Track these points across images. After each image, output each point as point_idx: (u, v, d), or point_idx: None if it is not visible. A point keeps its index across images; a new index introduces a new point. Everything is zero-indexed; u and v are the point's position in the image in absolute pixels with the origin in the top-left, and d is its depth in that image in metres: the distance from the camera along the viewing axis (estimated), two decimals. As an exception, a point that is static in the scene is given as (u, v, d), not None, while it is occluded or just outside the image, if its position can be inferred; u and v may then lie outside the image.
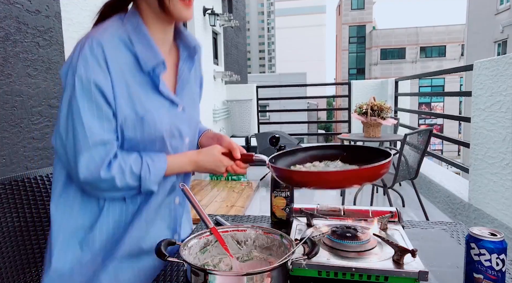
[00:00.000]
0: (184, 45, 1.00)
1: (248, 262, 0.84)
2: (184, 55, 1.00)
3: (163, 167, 0.91)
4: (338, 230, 0.91)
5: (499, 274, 0.71)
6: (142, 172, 0.88)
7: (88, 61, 0.82)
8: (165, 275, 0.89)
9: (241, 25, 9.12)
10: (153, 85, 0.90)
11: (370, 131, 3.60)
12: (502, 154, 2.46)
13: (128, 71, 0.87)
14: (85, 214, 0.91)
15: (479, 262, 0.72)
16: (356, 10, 35.00)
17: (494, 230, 0.73)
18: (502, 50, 16.57)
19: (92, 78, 0.81)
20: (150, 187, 0.89)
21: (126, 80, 0.87)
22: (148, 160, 0.89)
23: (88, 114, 0.82)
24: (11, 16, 1.97)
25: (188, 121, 0.99)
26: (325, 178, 0.83)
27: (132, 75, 0.88)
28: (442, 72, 4.24)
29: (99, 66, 0.82)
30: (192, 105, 1.02)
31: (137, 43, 0.88)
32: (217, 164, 0.96)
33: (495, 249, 0.71)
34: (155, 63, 0.88)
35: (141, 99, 0.88)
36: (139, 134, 0.88)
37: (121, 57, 0.86)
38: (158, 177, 0.91)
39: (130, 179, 0.87)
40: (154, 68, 0.89)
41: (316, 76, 57.92)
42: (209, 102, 5.40)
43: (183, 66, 0.98)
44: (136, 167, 0.87)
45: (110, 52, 0.84)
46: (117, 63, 0.85)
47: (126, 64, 0.87)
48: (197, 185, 4.38)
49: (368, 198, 3.72)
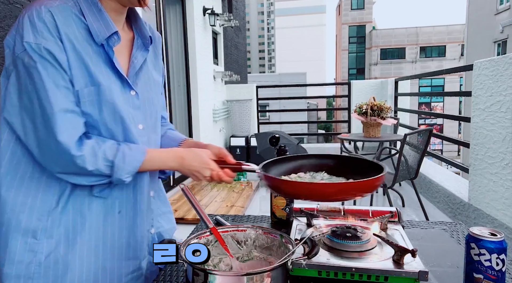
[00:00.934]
0: (139, 33, 0.97)
1: (248, 262, 0.84)
2: (139, 43, 0.96)
3: (140, 159, 0.86)
4: (338, 230, 0.91)
5: (499, 274, 0.71)
6: (116, 160, 0.82)
7: (37, 26, 0.77)
8: (165, 275, 0.89)
9: (241, 25, 9.12)
10: (106, 59, 0.86)
11: (370, 131, 3.60)
12: (502, 154, 2.46)
13: (80, 42, 0.82)
14: (45, 197, 0.84)
15: (479, 262, 0.72)
16: (356, 10, 35.00)
17: (494, 230, 0.73)
18: (502, 50, 16.57)
19: (43, 44, 0.77)
20: (122, 177, 0.83)
21: (78, 51, 0.81)
22: (125, 148, 0.84)
23: (48, 82, 0.77)
24: (11, 16, 1.97)
25: (142, 108, 0.93)
26: (316, 190, 0.81)
27: (84, 47, 0.83)
28: (442, 72, 4.24)
29: (49, 33, 0.78)
30: (148, 93, 0.96)
31: (89, 15, 0.83)
32: (203, 166, 0.90)
33: (495, 249, 0.71)
34: (108, 34, 0.84)
35: (95, 72, 0.83)
36: (97, 111, 0.83)
37: (72, 26, 0.82)
38: (134, 167, 0.85)
39: (102, 165, 0.81)
40: (107, 40, 0.85)
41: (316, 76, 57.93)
42: (209, 102, 5.40)
43: (136, 53, 0.94)
44: (111, 153, 0.82)
45: (60, 20, 0.79)
46: (69, 32, 0.81)
47: (78, 35, 0.82)
48: (197, 185, 4.38)
49: (368, 198, 3.71)
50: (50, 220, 0.84)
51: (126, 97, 0.89)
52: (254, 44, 73.54)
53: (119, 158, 0.83)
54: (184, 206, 3.47)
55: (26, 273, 0.84)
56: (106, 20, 0.85)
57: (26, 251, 0.84)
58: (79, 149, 0.79)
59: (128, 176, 0.85)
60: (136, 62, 0.93)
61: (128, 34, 0.96)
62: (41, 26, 0.78)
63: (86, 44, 0.83)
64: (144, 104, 0.94)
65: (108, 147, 0.83)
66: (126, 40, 0.95)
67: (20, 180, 0.84)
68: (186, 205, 3.45)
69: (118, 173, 0.83)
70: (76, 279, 0.86)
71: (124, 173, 0.84)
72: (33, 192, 0.84)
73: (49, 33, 0.78)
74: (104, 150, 0.82)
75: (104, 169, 0.82)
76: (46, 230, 0.84)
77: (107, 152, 0.82)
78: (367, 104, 3.54)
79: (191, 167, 0.90)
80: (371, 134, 3.60)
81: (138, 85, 0.93)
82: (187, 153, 0.92)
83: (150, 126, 0.97)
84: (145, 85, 0.95)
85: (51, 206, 0.85)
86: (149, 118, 0.96)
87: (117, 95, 0.86)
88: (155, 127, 1.00)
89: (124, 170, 0.84)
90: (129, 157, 0.84)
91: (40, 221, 0.84)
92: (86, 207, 0.87)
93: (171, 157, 0.91)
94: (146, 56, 0.97)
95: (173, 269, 0.92)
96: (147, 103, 0.95)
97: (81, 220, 0.86)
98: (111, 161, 0.82)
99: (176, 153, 0.92)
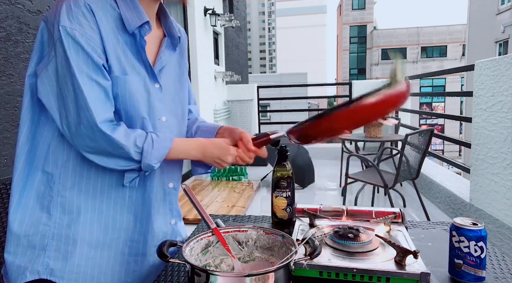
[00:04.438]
0: (168, 32, 1.00)
1: (250, 263, 0.84)
2: (168, 42, 0.99)
3: (168, 145, 0.89)
4: (340, 230, 0.91)
5: (477, 260, 0.77)
6: (145, 145, 0.85)
7: (73, 12, 0.79)
8: (166, 276, 0.89)
9: (242, 25, 9.12)
10: (135, 50, 0.89)
11: (371, 131, 3.59)
12: (503, 154, 2.46)
13: (113, 30, 0.85)
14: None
15: (459, 249, 0.79)
16: (357, 10, 34.99)
17: (477, 221, 0.79)
18: (504, 50, 16.54)
19: (77, 29, 0.79)
20: (151, 163, 0.86)
21: (111, 39, 0.84)
22: (153, 135, 0.87)
23: (78, 67, 0.79)
24: (12, 17, 1.97)
25: (165, 101, 0.96)
26: (356, 112, 0.83)
27: (116, 36, 0.86)
28: (443, 72, 4.23)
29: (86, 19, 0.80)
30: (172, 88, 1.00)
31: (122, 4, 0.87)
32: (223, 152, 0.94)
33: (473, 237, 0.77)
34: (140, 23, 0.87)
35: (124, 62, 0.86)
36: (121, 99, 0.86)
37: (106, 14, 0.84)
38: (161, 153, 0.88)
39: (133, 150, 0.84)
40: (139, 29, 0.87)
41: (317, 76, 57.91)
42: (210, 102, 5.40)
43: (165, 51, 0.97)
44: (140, 140, 0.85)
45: (95, 6, 0.82)
46: (103, 19, 0.83)
47: (112, 23, 0.85)
48: (198, 185, 4.39)
49: (369, 198, 3.71)
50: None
51: (151, 89, 0.92)
52: (255, 44, 73.58)
53: (148, 144, 0.85)
54: (185, 206, 3.47)
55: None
56: (138, 9, 0.88)
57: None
58: (112, 128, 0.82)
59: (156, 162, 0.87)
60: (164, 59, 0.97)
61: (156, 31, 0.99)
62: (77, 12, 0.80)
63: (118, 33, 0.86)
64: (167, 98, 0.97)
65: (138, 134, 0.86)
66: (154, 37, 0.97)
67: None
68: (188, 205, 3.45)
69: (147, 158, 0.85)
70: (85, 245, 0.89)
71: (153, 158, 0.86)
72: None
73: (84, 18, 0.80)
74: (135, 136, 0.85)
75: (134, 155, 0.84)
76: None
77: (137, 139, 0.85)
78: (368, 104, 3.54)
79: (213, 154, 0.94)
80: (372, 134, 3.60)
81: (162, 79, 0.95)
82: (209, 142, 0.96)
83: (173, 119, 1.00)
84: (168, 80, 0.98)
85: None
86: (172, 112, 0.99)
87: (142, 86, 0.89)
88: (180, 121, 1.03)
89: (152, 156, 0.86)
90: (157, 143, 0.87)
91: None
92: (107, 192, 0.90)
93: (194, 146, 0.95)
94: (173, 54, 1.00)
95: (174, 269, 0.92)
96: (170, 97, 0.98)
97: (92, 201, 0.89)
98: (140, 147, 0.85)
99: (198, 142, 0.96)
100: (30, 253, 0.87)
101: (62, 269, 0.86)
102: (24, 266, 0.86)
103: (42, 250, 0.86)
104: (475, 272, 0.77)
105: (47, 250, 0.86)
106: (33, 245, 0.87)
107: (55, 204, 0.87)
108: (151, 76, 0.92)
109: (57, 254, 0.87)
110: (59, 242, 0.87)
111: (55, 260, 0.86)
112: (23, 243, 0.87)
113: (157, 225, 0.98)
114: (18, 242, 0.87)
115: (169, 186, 1.00)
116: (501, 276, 0.83)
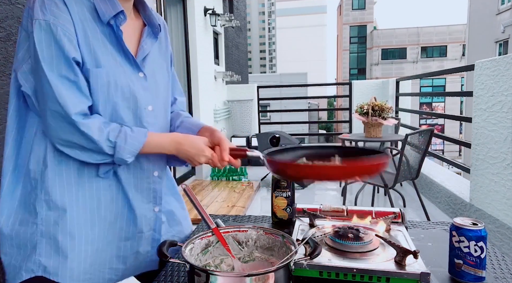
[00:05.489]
0: (148, 21, 1.00)
1: (250, 263, 0.84)
2: (148, 31, 0.99)
3: (142, 140, 0.89)
4: (341, 230, 0.91)
5: (477, 260, 0.77)
6: (118, 140, 0.86)
7: (45, 4, 0.80)
8: (166, 276, 0.89)
9: (242, 25, 9.12)
10: (114, 40, 0.89)
11: (371, 131, 3.59)
12: (503, 154, 2.46)
13: (87, 22, 0.85)
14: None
15: (459, 249, 0.79)
16: (357, 10, 34.97)
17: (477, 221, 0.79)
18: (504, 50, 16.54)
19: (51, 21, 0.80)
20: (124, 157, 0.87)
21: (85, 31, 0.84)
22: (127, 130, 0.88)
23: (48, 59, 0.80)
24: (12, 16, 1.97)
25: (150, 90, 0.96)
26: (321, 170, 0.81)
27: (91, 28, 0.86)
28: (443, 72, 4.23)
29: (59, 9, 0.81)
30: (156, 76, 1.00)
31: None
32: (197, 152, 0.93)
33: (473, 237, 0.77)
34: (114, 12, 0.87)
35: (102, 53, 0.86)
36: (106, 91, 0.87)
37: (80, 5, 0.85)
38: (135, 148, 0.88)
39: (106, 145, 0.85)
40: (115, 19, 0.88)
41: (317, 76, 57.89)
42: (210, 102, 5.40)
43: (146, 39, 0.98)
44: (113, 135, 0.86)
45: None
46: (78, 10, 0.84)
47: (86, 15, 0.86)
48: (198, 185, 4.39)
49: (369, 198, 3.71)
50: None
51: (135, 78, 0.92)
52: (255, 44, 73.58)
53: (121, 139, 0.86)
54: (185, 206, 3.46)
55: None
56: (113, 0, 0.88)
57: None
58: (85, 122, 0.83)
59: (129, 157, 0.88)
60: (146, 47, 0.97)
61: (135, 22, 0.99)
62: (49, 3, 0.81)
63: (94, 25, 0.86)
64: (152, 87, 0.97)
65: (112, 129, 0.86)
66: (134, 27, 0.98)
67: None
68: (188, 205, 3.44)
69: (120, 153, 0.86)
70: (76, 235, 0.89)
71: (126, 153, 0.87)
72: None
73: (57, 9, 0.81)
74: (108, 130, 0.85)
75: (106, 149, 0.85)
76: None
77: (110, 133, 0.85)
78: (368, 104, 3.54)
79: (187, 153, 0.94)
80: (372, 134, 3.60)
81: (146, 68, 0.96)
82: (184, 139, 0.95)
83: (158, 109, 1.00)
84: (152, 69, 0.98)
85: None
86: (157, 101, 0.99)
87: (123, 76, 0.89)
88: (164, 110, 1.03)
89: (125, 151, 0.86)
90: (131, 138, 0.87)
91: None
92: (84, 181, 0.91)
93: (168, 141, 0.94)
94: (155, 43, 1.01)
95: (174, 269, 0.92)
96: (154, 86, 0.98)
97: (75, 188, 0.90)
98: (113, 142, 0.85)
99: (174, 138, 0.95)
100: (22, 252, 0.88)
101: (55, 265, 0.87)
102: (19, 266, 0.87)
103: (33, 249, 0.87)
104: (475, 272, 0.78)
105: (37, 248, 0.87)
106: (24, 244, 0.88)
107: (40, 202, 0.87)
108: (134, 65, 0.93)
109: (48, 251, 0.87)
110: (48, 239, 0.87)
111: (47, 257, 0.87)
112: (16, 243, 0.88)
113: (140, 211, 0.98)
114: (11, 242, 0.88)
115: (154, 174, 1.00)
116: (501, 276, 0.83)
